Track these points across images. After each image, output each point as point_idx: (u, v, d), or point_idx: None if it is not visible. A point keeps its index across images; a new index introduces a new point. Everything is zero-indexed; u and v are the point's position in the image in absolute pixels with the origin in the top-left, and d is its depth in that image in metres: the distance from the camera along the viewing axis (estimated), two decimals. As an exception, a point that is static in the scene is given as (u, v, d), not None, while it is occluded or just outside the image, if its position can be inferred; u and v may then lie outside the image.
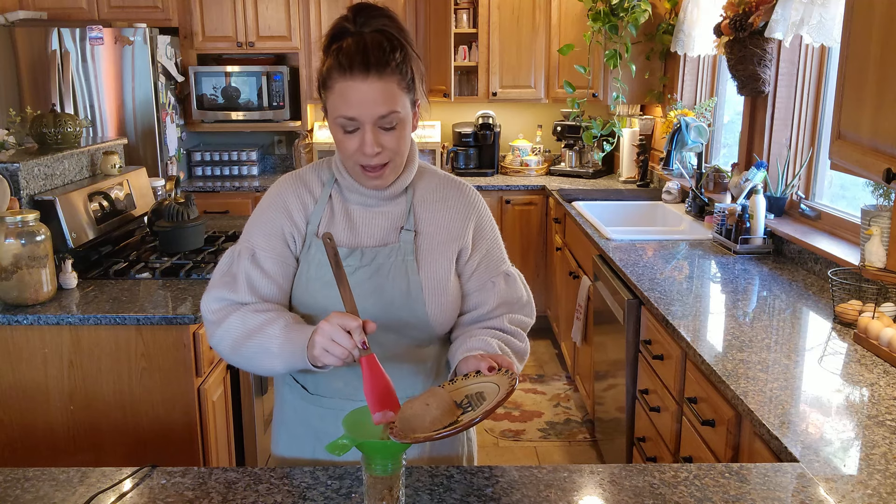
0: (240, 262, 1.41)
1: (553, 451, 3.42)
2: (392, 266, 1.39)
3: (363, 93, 1.27)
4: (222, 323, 1.37)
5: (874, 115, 1.66)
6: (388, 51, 1.28)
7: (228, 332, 1.36)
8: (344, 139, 1.33)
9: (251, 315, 1.35)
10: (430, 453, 1.49)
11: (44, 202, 2.51)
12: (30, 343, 2.23)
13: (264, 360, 1.34)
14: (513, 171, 5.03)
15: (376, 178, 1.37)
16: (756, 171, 2.99)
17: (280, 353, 1.30)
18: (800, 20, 2.63)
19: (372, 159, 1.33)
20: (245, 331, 1.34)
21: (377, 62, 1.27)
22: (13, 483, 1.28)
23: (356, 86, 1.27)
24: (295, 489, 1.26)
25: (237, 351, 1.36)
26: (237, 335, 1.35)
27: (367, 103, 1.28)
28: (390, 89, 1.29)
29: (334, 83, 1.29)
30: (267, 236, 1.42)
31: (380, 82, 1.27)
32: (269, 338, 1.31)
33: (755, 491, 1.26)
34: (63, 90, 4.18)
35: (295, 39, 4.73)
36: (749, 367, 1.80)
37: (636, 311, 2.53)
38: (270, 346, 1.31)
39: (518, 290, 1.51)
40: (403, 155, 1.38)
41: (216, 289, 1.41)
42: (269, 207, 1.44)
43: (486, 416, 1.11)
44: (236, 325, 1.35)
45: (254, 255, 1.40)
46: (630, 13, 4.05)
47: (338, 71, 1.28)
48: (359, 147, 1.32)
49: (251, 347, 1.34)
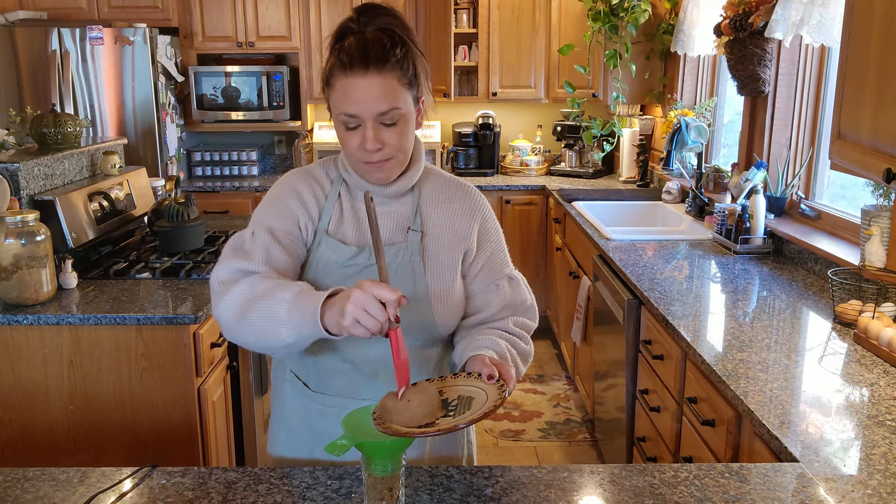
0: (255, 239, 1.36)
1: (553, 451, 3.42)
2: (399, 266, 1.39)
3: (363, 89, 1.28)
4: (228, 292, 1.29)
5: (874, 115, 1.66)
6: (388, 47, 1.29)
7: (235, 297, 1.27)
8: (346, 136, 1.33)
9: (260, 281, 1.28)
10: (431, 454, 1.49)
11: (44, 202, 2.51)
12: (30, 343, 2.23)
13: (269, 327, 1.23)
14: (513, 171, 5.03)
15: (379, 171, 1.36)
16: (756, 171, 2.99)
17: (288, 318, 1.20)
18: (800, 20, 2.63)
19: (373, 156, 1.32)
20: (252, 295, 1.25)
21: (376, 58, 1.27)
22: (13, 483, 1.28)
23: (356, 82, 1.28)
24: (295, 489, 1.26)
25: (242, 318, 1.26)
26: (243, 301, 1.26)
27: (367, 100, 1.28)
28: (390, 85, 1.29)
29: (336, 81, 1.30)
30: (282, 220, 1.38)
31: (379, 78, 1.28)
32: (278, 301, 1.22)
33: (755, 491, 1.26)
34: (63, 90, 4.18)
35: (295, 39, 4.73)
36: (749, 367, 1.80)
37: (636, 311, 2.53)
38: (279, 311, 1.21)
39: (522, 294, 1.51)
40: (407, 151, 1.38)
41: (228, 260, 1.34)
42: (283, 194, 1.41)
43: (466, 426, 1.10)
44: (243, 291, 1.27)
45: (271, 231, 1.36)
46: (630, 13, 4.05)
47: (339, 69, 1.29)
48: (360, 144, 1.32)
49: (257, 313, 1.24)
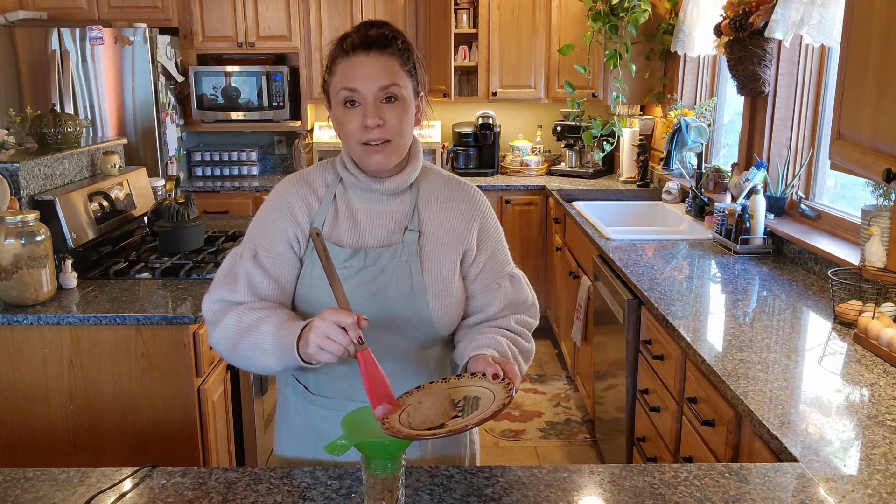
0: (241, 263, 1.42)
1: (553, 451, 3.42)
2: (396, 267, 1.39)
3: (364, 66, 1.32)
4: (220, 323, 1.38)
5: (874, 115, 1.66)
6: (389, 38, 1.34)
7: (225, 331, 1.37)
8: (346, 117, 1.35)
9: (246, 313, 1.35)
10: (432, 454, 1.49)
11: (44, 202, 2.51)
12: (30, 343, 2.23)
13: (259, 358, 1.33)
14: (513, 171, 5.03)
15: (377, 154, 1.36)
16: (756, 171, 2.99)
17: (273, 350, 1.30)
18: (800, 20, 2.63)
19: (372, 133, 1.33)
20: (240, 329, 1.34)
21: (378, 43, 1.33)
22: (13, 483, 1.28)
23: (358, 61, 1.33)
24: (295, 489, 1.26)
25: (234, 349, 1.37)
26: (233, 334, 1.35)
27: (369, 75, 1.32)
28: (391, 65, 1.33)
29: (337, 66, 1.35)
30: (269, 238, 1.42)
31: (381, 57, 1.33)
32: (263, 335, 1.31)
33: (755, 491, 1.26)
34: (63, 90, 4.18)
35: (295, 39, 4.73)
36: (749, 367, 1.80)
37: (636, 311, 2.53)
38: (263, 344, 1.31)
39: (523, 292, 1.51)
40: (405, 137, 1.39)
41: (216, 290, 1.42)
42: (273, 209, 1.44)
43: (475, 426, 1.11)
44: (232, 324, 1.36)
45: (256, 255, 1.41)
46: (630, 13, 4.05)
47: (341, 54, 1.35)
48: (360, 122, 1.33)
49: (245, 345, 1.34)
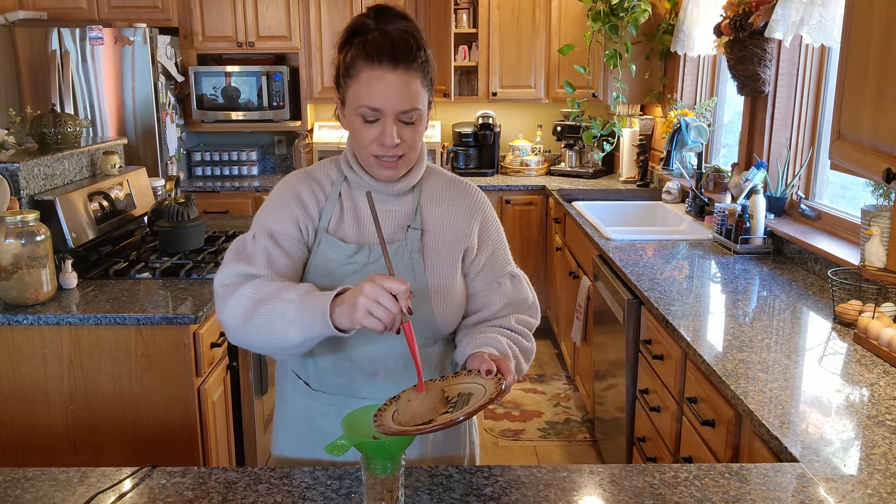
0: (256, 243, 1.38)
1: (553, 450, 3.42)
2: (399, 264, 1.40)
3: (390, 84, 1.29)
4: (233, 294, 1.31)
5: (874, 115, 1.66)
6: (413, 48, 1.31)
7: (240, 301, 1.29)
8: (363, 128, 1.33)
9: (266, 283, 1.30)
10: (432, 454, 1.49)
11: (44, 202, 2.51)
12: (30, 343, 2.23)
13: (277, 328, 1.25)
14: (513, 171, 5.03)
15: (389, 169, 1.37)
16: (756, 171, 2.99)
17: (296, 318, 1.23)
18: (800, 20, 2.63)
19: (390, 150, 1.33)
20: (257, 299, 1.28)
21: (405, 57, 1.29)
22: (13, 483, 1.28)
23: (384, 76, 1.29)
24: (295, 489, 1.26)
25: (249, 320, 1.28)
26: (249, 304, 1.28)
27: (393, 96, 1.29)
28: (414, 85, 1.31)
29: (359, 72, 1.30)
30: (282, 222, 1.40)
31: (407, 76, 1.30)
32: (285, 303, 1.24)
33: (755, 491, 1.26)
34: (63, 90, 4.18)
35: (295, 39, 4.73)
36: (749, 367, 1.80)
37: (636, 311, 2.53)
38: (286, 312, 1.24)
39: (524, 291, 1.52)
40: (417, 150, 1.40)
41: (231, 264, 1.36)
42: (283, 197, 1.43)
43: (466, 419, 1.12)
44: (249, 294, 1.29)
45: (272, 234, 1.38)
46: (630, 13, 4.05)
47: (364, 60, 1.29)
48: (377, 137, 1.32)
49: (264, 314, 1.26)
